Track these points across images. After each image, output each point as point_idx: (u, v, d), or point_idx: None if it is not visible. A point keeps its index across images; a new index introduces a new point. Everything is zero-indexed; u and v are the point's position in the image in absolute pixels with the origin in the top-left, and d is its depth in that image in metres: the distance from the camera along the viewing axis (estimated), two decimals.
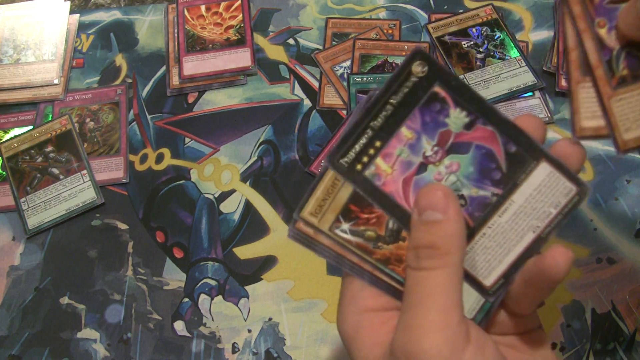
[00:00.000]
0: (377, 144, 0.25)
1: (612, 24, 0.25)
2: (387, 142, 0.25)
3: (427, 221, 0.23)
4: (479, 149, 0.25)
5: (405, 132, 0.25)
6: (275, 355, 0.42)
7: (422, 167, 0.25)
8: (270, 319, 0.44)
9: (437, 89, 0.25)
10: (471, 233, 0.25)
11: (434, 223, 0.23)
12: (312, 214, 0.26)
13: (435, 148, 0.25)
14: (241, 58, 0.55)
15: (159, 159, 0.52)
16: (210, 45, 0.56)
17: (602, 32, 0.25)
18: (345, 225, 0.26)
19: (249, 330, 0.43)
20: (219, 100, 0.55)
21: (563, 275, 0.23)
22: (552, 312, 0.43)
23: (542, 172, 0.25)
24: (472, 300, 0.26)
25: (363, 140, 0.25)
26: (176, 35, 0.58)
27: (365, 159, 0.25)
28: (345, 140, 0.25)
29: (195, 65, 0.55)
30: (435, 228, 0.23)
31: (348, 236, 0.26)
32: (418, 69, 0.24)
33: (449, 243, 0.23)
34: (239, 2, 0.59)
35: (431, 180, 0.25)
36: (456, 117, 0.25)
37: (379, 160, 0.25)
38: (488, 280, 0.26)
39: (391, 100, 0.25)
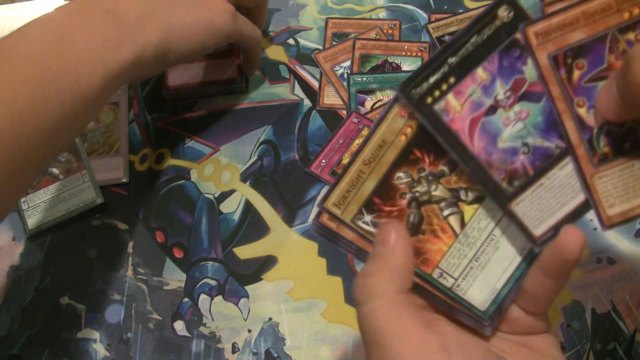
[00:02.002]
0: (451, 80, 0.25)
1: (591, 102, 0.25)
2: (462, 80, 0.25)
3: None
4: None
5: (481, 73, 0.25)
6: (275, 355, 0.42)
7: (492, 110, 0.25)
8: (270, 319, 0.44)
9: (519, 35, 0.25)
10: (530, 181, 0.26)
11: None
12: (336, 205, 0.26)
13: (508, 93, 0.25)
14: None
15: (159, 159, 0.52)
16: None
17: (582, 111, 0.25)
18: (368, 217, 0.26)
19: (249, 330, 0.43)
20: (219, 100, 0.55)
21: (577, 254, 0.24)
22: (552, 312, 0.43)
23: None
24: (485, 293, 0.27)
25: (438, 75, 0.25)
26: None
27: (436, 93, 0.25)
28: (421, 72, 0.25)
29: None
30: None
31: (370, 228, 0.26)
32: (504, 13, 0.25)
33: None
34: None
35: (498, 124, 0.25)
36: (533, 67, 0.25)
37: (450, 97, 0.25)
38: (538, 230, 0.26)
39: (472, 40, 0.25)
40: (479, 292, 0.27)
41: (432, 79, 0.25)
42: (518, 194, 0.26)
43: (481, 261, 0.27)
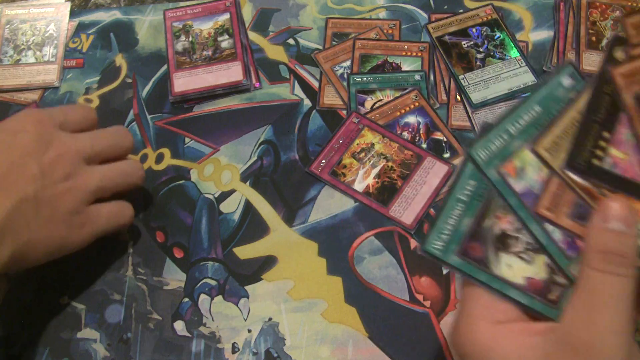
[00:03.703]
0: (606, 135, 0.26)
1: None
2: (615, 130, 0.26)
3: (615, 230, 0.26)
4: None
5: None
6: (275, 355, 0.42)
7: None
8: (270, 319, 0.44)
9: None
10: None
11: (622, 233, 0.26)
12: (547, 150, 0.27)
13: None
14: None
15: (159, 159, 0.52)
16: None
17: None
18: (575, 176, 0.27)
19: (249, 330, 0.43)
20: (219, 100, 0.55)
21: None
22: None
23: None
24: None
25: (592, 136, 0.26)
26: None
27: (599, 153, 0.26)
28: (576, 141, 0.26)
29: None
30: (624, 238, 0.26)
31: (578, 179, 0.26)
32: (622, 55, 0.27)
33: (635, 255, 0.26)
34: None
35: None
36: None
37: (613, 150, 0.26)
38: None
39: (605, 90, 0.27)
40: None
41: (589, 143, 0.26)
42: None
43: None
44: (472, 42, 0.55)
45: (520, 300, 0.27)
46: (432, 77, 0.54)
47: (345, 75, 0.54)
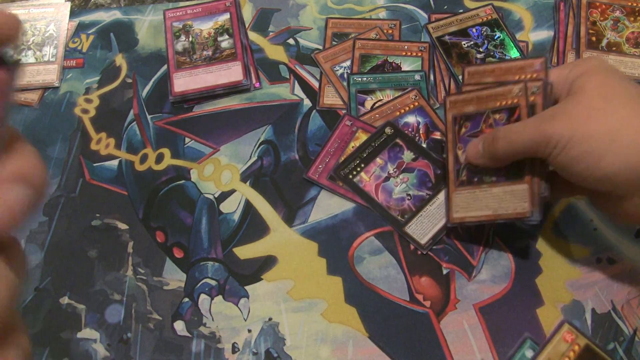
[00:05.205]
0: (362, 165, 0.47)
1: (464, 149, 0.42)
2: (368, 164, 0.47)
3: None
4: (419, 171, 0.46)
5: (379, 160, 0.47)
6: (275, 355, 0.42)
7: (387, 179, 0.47)
8: (270, 319, 0.44)
9: (398, 140, 0.47)
10: (414, 214, 0.45)
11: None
12: None
13: (395, 169, 0.46)
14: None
15: (159, 159, 0.52)
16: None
17: (459, 152, 0.43)
18: None
19: (249, 330, 0.43)
20: (219, 100, 0.55)
21: None
22: (552, 312, 0.43)
23: None
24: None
25: (355, 163, 0.47)
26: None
27: (355, 172, 0.47)
28: (346, 161, 0.46)
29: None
30: None
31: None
32: (388, 130, 0.47)
33: None
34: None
35: (391, 186, 0.47)
36: (408, 154, 0.47)
37: (362, 174, 0.47)
38: (423, 240, 0.45)
39: (372, 144, 0.48)
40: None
41: (351, 165, 0.47)
42: (408, 222, 0.45)
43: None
44: (472, 42, 0.55)
45: None
46: (432, 77, 0.54)
47: (345, 75, 0.54)
